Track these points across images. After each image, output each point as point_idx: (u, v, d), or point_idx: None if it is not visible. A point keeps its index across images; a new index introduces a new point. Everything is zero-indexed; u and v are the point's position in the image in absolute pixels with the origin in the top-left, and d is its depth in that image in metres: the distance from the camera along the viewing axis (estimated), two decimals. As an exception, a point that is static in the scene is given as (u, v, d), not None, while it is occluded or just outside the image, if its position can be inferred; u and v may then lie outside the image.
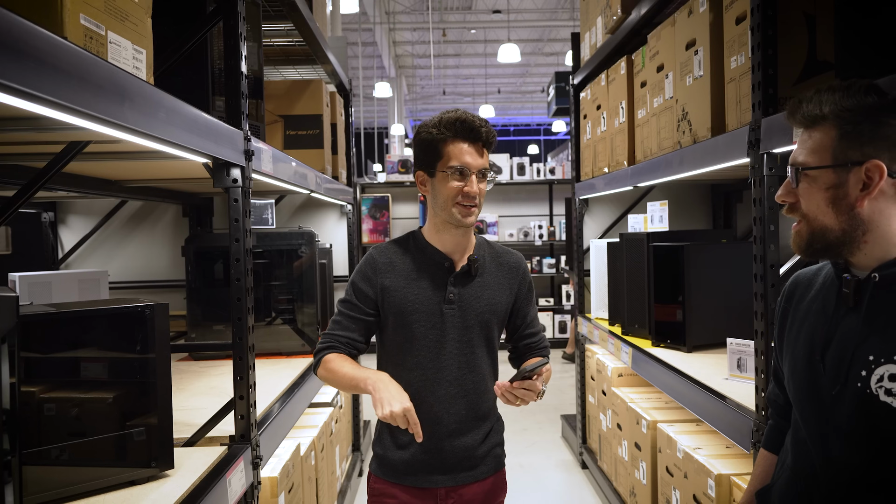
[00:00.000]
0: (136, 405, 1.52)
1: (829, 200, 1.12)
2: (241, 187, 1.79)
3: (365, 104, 20.03)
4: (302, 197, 4.18)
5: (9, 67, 0.86)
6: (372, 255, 1.77)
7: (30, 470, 1.37)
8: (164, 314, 1.55)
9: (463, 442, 1.74)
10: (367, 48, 16.04)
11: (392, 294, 1.71)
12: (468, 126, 1.65)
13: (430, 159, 1.68)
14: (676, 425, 2.88)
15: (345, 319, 1.75)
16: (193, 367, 2.77)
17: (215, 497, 1.51)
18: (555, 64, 19.19)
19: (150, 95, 1.26)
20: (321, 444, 2.99)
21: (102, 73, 1.09)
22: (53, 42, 0.96)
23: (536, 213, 5.85)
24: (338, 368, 1.67)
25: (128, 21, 1.24)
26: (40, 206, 3.64)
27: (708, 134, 2.26)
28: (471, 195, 1.65)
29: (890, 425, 1.07)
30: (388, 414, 1.48)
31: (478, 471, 1.76)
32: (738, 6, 2.08)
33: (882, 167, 1.07)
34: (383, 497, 1.75)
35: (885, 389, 1.06)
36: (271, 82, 3.39)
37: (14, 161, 1.98)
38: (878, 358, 1.08)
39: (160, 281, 3.80)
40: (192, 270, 2.96)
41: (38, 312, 1.45)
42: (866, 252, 1.13)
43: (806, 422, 1.22)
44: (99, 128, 1.15)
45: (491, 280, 1.77)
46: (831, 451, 1.16)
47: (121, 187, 2.84)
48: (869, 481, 1.11)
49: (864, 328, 1.12)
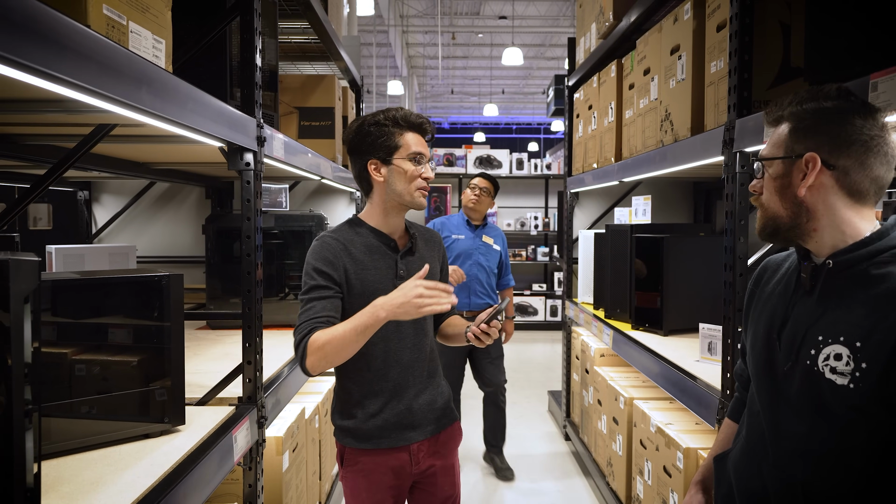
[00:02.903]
0: (153, 366, 1.53)
1: (778, 189, 1.15)
2: (253, 170, 1.79)
3: (378, 101, 19.97)
4: (314, 183, 4.18)
5: (36, 52, 0.86)
6: (327, 241, 1.70)
7: (55, 421, 1.39)
8: (178, 284, 1.56)
9: (426, 398, 1.78)
10: (382, 49, 15.96)
11: (352, 276, 1.68)
12: (419, 122, 1.74)
13: (387, 149, 1.70)
14: (651, 402, 2.89)
15: (317, 303, 1.63)
16: (210, 336, 2.79)
17: (222, 451, 1.52)
18: (555, 68, 19.08)
19: (166, 81, 1.26)
20: (325, 409, 3.01)
21: (122, 60, 1.09)
22: (77, 30, 0.96)
23: (533, 205, 5.85)
24: (331, 335, 1.55)
25: (148, 12, 1.24)
26: (76, 186, 3.66)
27: (688, 133, 2.25)
28: (430, 180, 1.72)
29: (831, 399, 1.08)
30: (424, 301, 1.47)
31: (440, 422, 1.81)
32: (719, 14, 2.06)
33: (816, 158, 1.10)
34: (365, 464, 1.73)
35: (830, 367, 1.08)
36: (288, 76, 3.38)
37: (48, 141, 1.98)
38: (826, 339, 1.10)
39: (183, 256, 3.82)
40: (211, 247, 2.97)
41: (66, 278, 1.47)
42: (818, 240, 1.14)
43: (760, 394, 1.24)
44: (119, 110, 1.15)
45: (426, 254, 1.83)
46: (780, 422, 1.18)
47: (148, 169, 2.84)
48: (809, 448, 1.13)
49: (816, 311, 1.13)
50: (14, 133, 1.88)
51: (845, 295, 1.10)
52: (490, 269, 3.69)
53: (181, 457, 1.41)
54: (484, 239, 3.72)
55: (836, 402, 1.07)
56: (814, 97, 1.13)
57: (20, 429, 1.00)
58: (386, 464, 1.74)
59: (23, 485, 1.00)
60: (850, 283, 1.10)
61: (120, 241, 3.79)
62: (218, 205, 3.79)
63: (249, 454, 1.80)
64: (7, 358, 0.99)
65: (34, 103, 1.35)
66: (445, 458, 1.83)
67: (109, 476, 1.30)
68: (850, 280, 1.10)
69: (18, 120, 1.63)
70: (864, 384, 1.03)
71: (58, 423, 1.40)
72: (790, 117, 1.14)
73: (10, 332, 0.99)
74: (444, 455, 1.83)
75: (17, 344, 0.99)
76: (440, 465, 1.82)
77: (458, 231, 3.70)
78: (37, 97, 1.29)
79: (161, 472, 1.33)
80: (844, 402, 1.06)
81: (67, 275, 1.52)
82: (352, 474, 1.76)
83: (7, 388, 0.99)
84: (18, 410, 1.00)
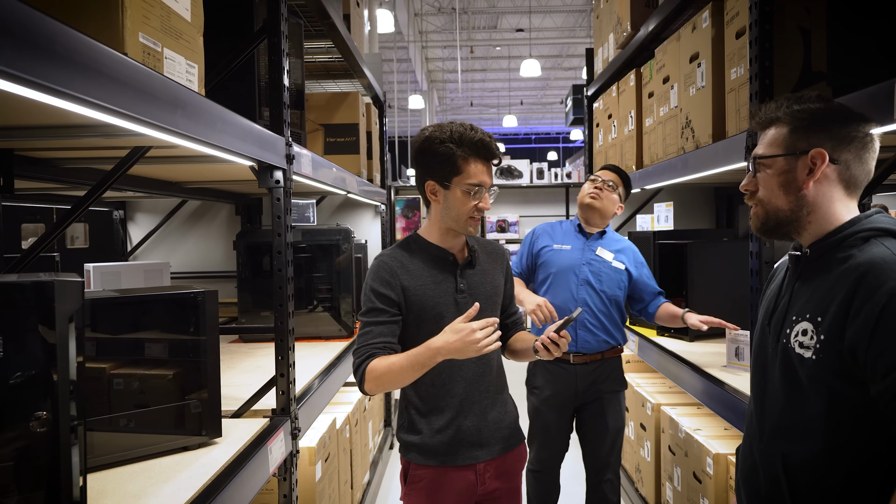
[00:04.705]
0: (190, 380, 1.55)
1: (780, 184, 1.22)
2: (283, 187, 1.81)
3: (400, 115, 20.08)
4: (340, 198, 4.21)
5: (77, 81, 0.88)
6: (384, 261, 1.70)
7: (98, 435, 1.41)
8: (213, 300, 1.58)
9: (494, 416, 1.74)
10: (402, 64, 16.07)
11: (412, 293, 1.67)
12: (487, 148, 1.64)
13: (447, 173, 1.64)
14: (679, 408, 2.84)
15: (375, 327, 1.63)
16: (242, 349, 2.82)
17: (258, 463, 1.53)
18: (573, 78, 19.04)
19: (199, 105, 1.28)
20: (355, 419, 3.02)
21: (157, 85, 1.11)
22: (115, 58, 0.99)
23: (554, 213, 5.82)
24: (388, 366, 1.56)
25: (181, 39, 1.27)
26: (112, 205, 3.73)
27: (709, 140, 2.23)
28: (483, 210, 1.66)
29: (800, 371, 1.16)
30: (483, 344, 1.46)
31: (508, 442, 1.76)
32: (738, 21, 2.04)
33: (824, 153, 1.18)
34: (429, 482, 1.69)
35: (799, 343, 1.17)
36: (313, 94, 3.42)
37: (85, 164, 2.03)
38: (798, 318, 1.19)
39: (215, 272, 3.87)
40: (242, 263, 3.00)
41: (105, 297, 1.49)
42: (810, 231, 1.23)
43: (753, 375, 1.34)
44: (155, 133, 1.17)
45: (487, 267, 1.79)
46: (765, 400, 1.27)
47: (181, 188, 2.89)
48: (785, 421, 1.21)
49: (795, 294, 1.23)
50: (54, 157, 1.93)
51: (814, 277, 1.19)
52: (608, 296, 2.57)
53: (219, 469, 1.42)
54: (598, 252, 2.62)
55: (804, 373, 1.16)
56: (800, 101, 1.22)
57: (66, 443, 1.02)
58: (451, 483, 1.68)
59: (70, 498, 1.02)
60: (819, 266, 1.19)
61: (154, 257, 3.85)
62: (248, 221, 3.84)
63: (284, 465, 1.81)
64: (53, 375, 1.01)
65: (74, 128, 1.38)
66: (511, 480, 1.78)
67: (151, 488, 1.32)
68: (820, 264, 1.20)
69: (59, 145, 1.67)
70: (824, 355, 1.12)
71: (100, 436, 1.42)
72: (787, 118, 1.22)
73: (56, 350, 1.01)
74: (511, 477, 1.78)
75: (63, 361, 1.01)
76: (506, 488, 1.76)
77: (564, 240, 2.66)
78: (77, 123, 1.32)
79: (200, 483, 1.34)
80: (810, 374, 1.14)
81: (108, 293, 1.54)
82: (415, 493, 1.71)
83: (53, 403, 1.01)
84: (65, 425, 1.01)
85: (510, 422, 1.79)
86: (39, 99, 0.87)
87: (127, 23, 1.08)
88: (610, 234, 2.71)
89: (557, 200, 6.13)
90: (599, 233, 2.67)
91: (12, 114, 1.21)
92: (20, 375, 1.00)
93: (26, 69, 0.78)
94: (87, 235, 3.51)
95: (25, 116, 1.26)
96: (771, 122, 1.25)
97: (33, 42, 0.79)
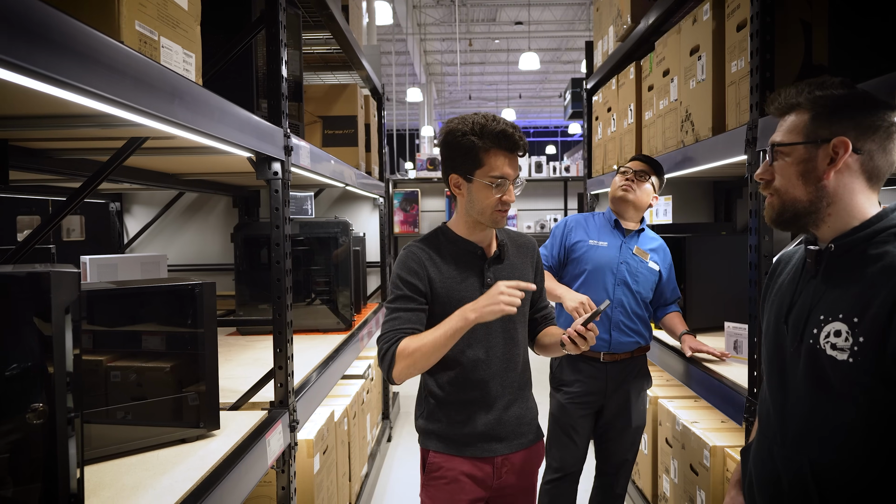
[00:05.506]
0: (188, 373, 1.54)
1: (800, 174, 1.15)
2: (281, 179, 1.80)
3: (398, 108, 20.03)
4: (338, 190, 4.20)
5: (74, 69, 0.87)
6: (413, 251, 1.68)
7: (95, 427, 1.41)
8: (211, 292, 1.57)
9: (515, 411, 1.73)
10: (401, 57, 16.01)
11: (438, 285, 1.65)
12: (511, 139, 1.59)
13: (470, 166, 1.61)
14: (676, 401, 2.85)
15: (403, 314, 1.62)
16: (240, 341, 2.81)
17: (256, 455, 1.53)
18: (571, 71, 19.00)
19: (197, 94, 1.26)
20: (353, 412, 3.01)
21: (154, 74, 1.09)
22: (111, 45, 0.97)
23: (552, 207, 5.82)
24: (420, 341, 1.55)
25: (178, 27, 1.25)
26: (108, 197, 3.71)
27: (709, 133, 2.22)
28: (509, 202, 1.62)
29: (832, 375, 1.09)
30: (501, 290, 1.47)
31: (526, 438, 1.76)
32: (739, 14, 2.03)
33: (847, 142, 1.11)
34: (448, 471, 1.69)
35: (831, 344, 1.09)
36: (311, 86, 3.40)
37: (81, 155, 2.01)
38: (826, 317, 1.11)
39: (212, 264, 3.86)
40: (240, 255, 2.99)
41: (102, 288, 1.48)
42: (829, 224, 1.16)
43: (769, 378, 1.25)
44: (152, 123, 1.16)
45: (516, 261, 1.77)
46: (787, 404, 1.19)
47: (178, 180, 2.88)
48: (814, 426, 1.14)
49: (819, 292, 1.15)
50: (49, 148, 1.91)
51: (845, 275, 1.13)
52: (643, 297, 2.48)
53: (217, 461, 1.41)
54: (636, 251, 2.49)
55: (837, 377, 1.08)
56: (822, 86, 1.15)
57: (63, 435, 1.01)
58: (469, 473, 1.69)
59: (67, 490, 1.01)
60: (850, 263, 1.12)
61: (151, 250, 3.84)
62: (245, 213, 3.82)
63: (282, 457, 1.81)
64: (49, 367, 1.00)
65: (69, 118, 1.36)
66: (527, 478, 1.78)
67: (149, 480, 1.31)
68: (849, 261, 1.12)
69: (54, 135, 1.65)
70: (862, 358, 1.04)
71: (98, 429, 1.41)
72: (809, 104, 1.15)
73: (52, 342, 1.00)
74: (527, 474, 1.77)
75: (59, 353, 1.00)
76: (521, 486, 1.76)
77: (599, 236, 2.51)
78: (72, 112, 1.30)
79: (198, 476, 1.33)
80: (844, 377, 1.07)
81: (104, 285, 1.53)
82: (433, 485, 1.71)
83: (50, 395, 1.00)
84: (62, 418, 1.01)
85: (531, 419, 1.78)
86: (35, 87, 0.85)
87: (123, 10, 1.06)
88: (647, 233, 2.58)
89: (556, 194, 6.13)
90: (637, 230, 2.53)
91: (7, 103, 1.19)
92: (16, 367, 0.99)
93: (21, 57, 0.77)
94: (84, 228, 3.50)
95: (20, 106, 1.24)
96: (791, 107, 1.17)
97: (29, 29, 0.78)
